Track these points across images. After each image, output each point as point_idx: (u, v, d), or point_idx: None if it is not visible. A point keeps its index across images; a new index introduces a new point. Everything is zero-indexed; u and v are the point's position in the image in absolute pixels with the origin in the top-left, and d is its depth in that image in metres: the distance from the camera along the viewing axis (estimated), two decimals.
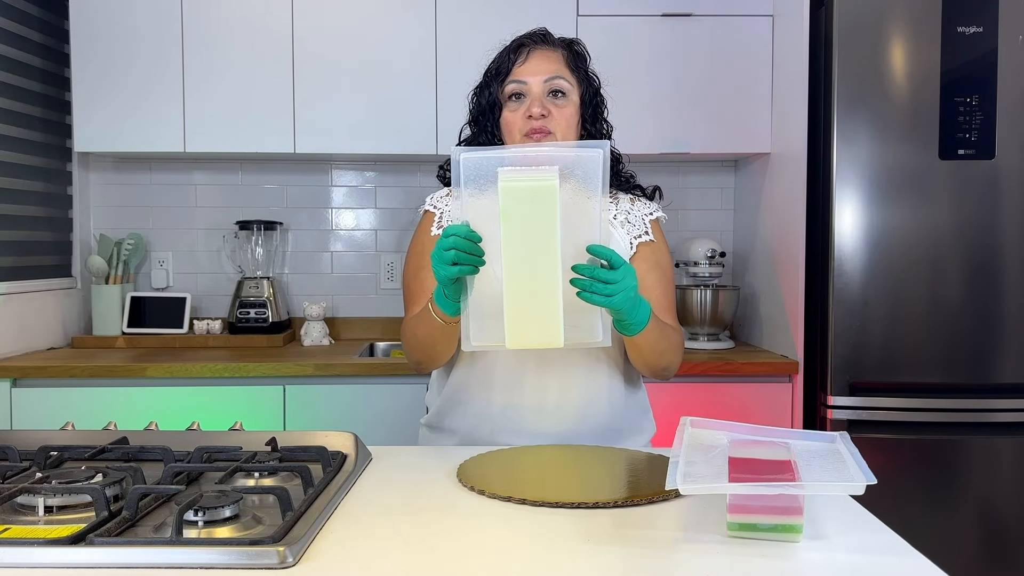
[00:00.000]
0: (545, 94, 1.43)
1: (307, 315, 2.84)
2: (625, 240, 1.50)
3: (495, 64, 1.49)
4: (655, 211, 1.55)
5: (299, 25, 2.67)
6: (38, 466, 1.20)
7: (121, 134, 2.67)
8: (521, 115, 1.43)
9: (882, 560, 0.93)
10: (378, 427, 2.38)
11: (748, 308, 2.88)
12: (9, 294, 2.51)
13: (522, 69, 1.44)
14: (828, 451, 1.09)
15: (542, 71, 1.44)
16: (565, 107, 1.44)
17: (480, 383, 1.48)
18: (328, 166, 3.05)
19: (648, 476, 1.20)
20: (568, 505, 1.07)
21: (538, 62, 1.45)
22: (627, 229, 1.51)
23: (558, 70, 1.44)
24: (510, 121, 1.45)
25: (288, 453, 1.26)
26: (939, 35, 2.26)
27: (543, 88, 1.43)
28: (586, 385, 1.46)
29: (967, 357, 2.29)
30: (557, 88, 1.43)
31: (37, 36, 2.73)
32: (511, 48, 1.48)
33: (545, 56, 1.45)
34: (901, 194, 2.28)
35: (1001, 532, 2.30)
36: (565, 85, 1.44)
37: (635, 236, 1.51)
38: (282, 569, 0.87)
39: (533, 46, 1.47)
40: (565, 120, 1.44)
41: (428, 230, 1.53)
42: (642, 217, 1.53)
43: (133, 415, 2.33)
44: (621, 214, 1.52)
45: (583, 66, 1.49)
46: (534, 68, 1.44)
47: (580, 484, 1.19)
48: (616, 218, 1.52)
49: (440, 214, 1.53)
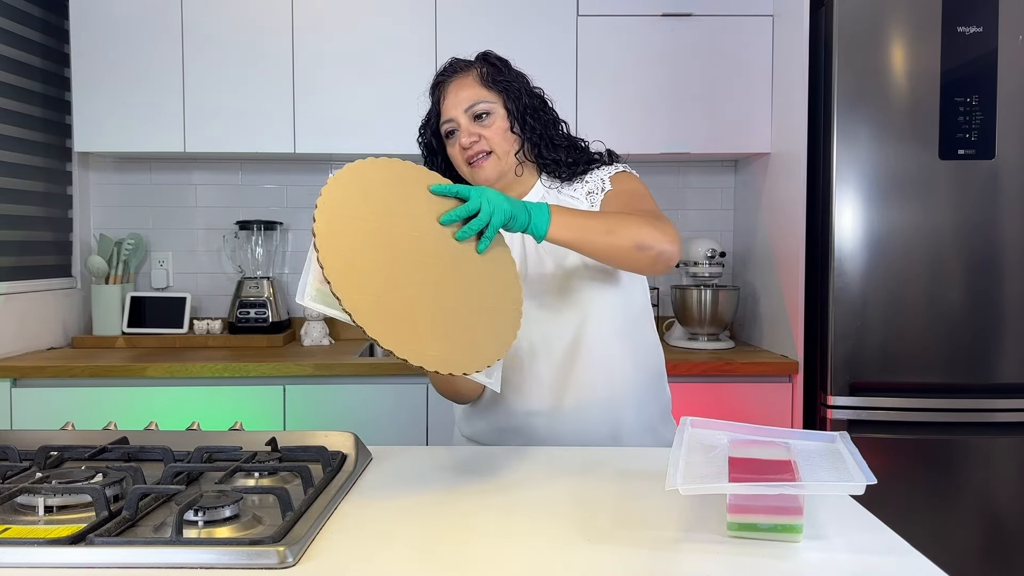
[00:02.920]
0: (471, 121, 1.48)
1: (307, 315, 2.84)
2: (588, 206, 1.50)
3: (431, 111, 1.56)
4: (613, 170, 1.54)
5: (299, 25, 2.67)
6: (38, 466, 1.20)
7: (121, 134, 2.67)
8: (458, 148, 1.50)
9: (882, 560, 0.93)
10: (378, 427, 2.38)
11: (748, 308, 2.88)
12: (9, 294, 2.51)
13: (445, 107, 1.51)
14: (828, 451, 1.09)
15: (460, 102, 1.49)
16: (492, 123, 1.49)
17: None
18: (328, 166, 3.05)
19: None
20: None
21: (455, 93, 1.50)
22: (590, 200, 1.51)
23: (474, 95, 1.49)
24: (453, 155, 1.52)
25: (288, 453, 1.26)
26: (939, 35, 2.26)
27: (467, 117, 1.48)
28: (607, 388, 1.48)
29: (967, 357, 2.29)
30: (478, 112, 1.48)
31: (37, 36, 2.73)
32: (431, 90, 1.56)
33: (459, 85, 1.50)
34: (901, 194, 2.28)
35: (1001, 532, 2.30)
36: (485, 106, 1.48)
37: (598, 192, 1.51)
38: (282, 569, 0.87)
39: (447, 80, 1.52)
40: (495, 136, 1.48)
41: None
42: (599, 179, 1.53)
43: (133, 415, 2.33)
44: (586, 188, 1.52)
45: (500, 76, 1.51)
46: (453, 101, 1.50)
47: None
48: (587, 197, 1.51)
49: None
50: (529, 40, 2.66)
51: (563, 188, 1.54)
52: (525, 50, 2.79)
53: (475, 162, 1.48)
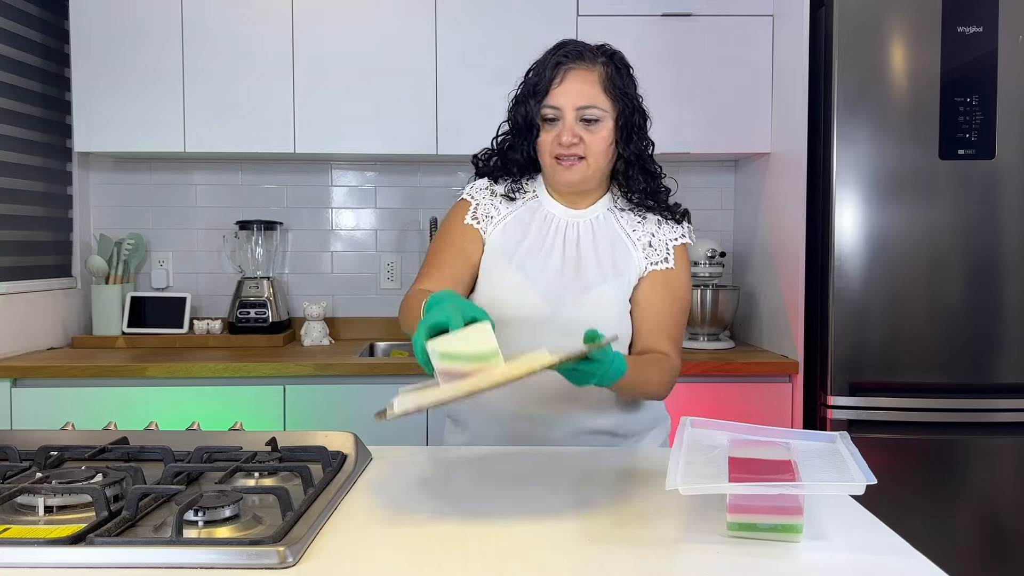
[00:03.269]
0: (577, 120, 1.43)
1: (307, 315, 2.84)
2: (642, 264, 1.50)
3: (534, 79, 1.47)
4: (680, 237, 1.53)
5: (299, 25, 2.67)
6: (38, 466, 1.20)
7: (121, 134, 2.67)
8: (552, 139, 1.45)
9: (882, 560, 0.93)
10: (378, 427, 2.37)
11: (748, 308, 2.88)
12: (9, 294, 2.51)
13: (557, 92, 1.43)
14: (828, 451, 1.09)
15: (575, 97, 1.43)
16: (598, 132, 1.44)
17: None
18: (328, 166, 3.05)
19: None
20: None
21: (573, 84, 1.43)
22: (647, 253, 1.51)
23: (592, 97, 1.43)
24: (543, 142, 1.47)
25: (288, 453, 1.26)
26: (939, 35, 2.26)
27: (575, 115, 1.43)
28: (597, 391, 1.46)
29: (967, 357, 2.29)
30: (589, 116, 1.43)
31: (37, 36, 2.73)
32: (549, 64, 1.46)
33: (581, 78, 1.44)
34: (901, 194, 2.28)
35: (1001, 532, 2.30)
36: (598, 112, 1.43)
37: (653, 262, 1.50)
38: (282, 569, 0.87)
39: (568, 66, 1.44)
40: (597, 145, 1.44)
41: (461, 218, 1.55)
42: (666, 242, 1.52)
43: (133, 415, 2.33)
44: (645, 236, 1.52)
45: (620, 85, 1.45)
46: (568, 91, 1.43)
47: None
48: (640, 240, 1.51)
49: (475, 206, 1.55)
50: (529, 40, 2.62)
51: (623, 214, 1.53)
52: (525, 50, 2.78)
53: (566, 162, 1.45)
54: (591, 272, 1.48)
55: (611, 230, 1.53)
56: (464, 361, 1.10)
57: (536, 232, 1.52)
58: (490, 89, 2.68)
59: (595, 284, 1.47)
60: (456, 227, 1.55)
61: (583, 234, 1.52)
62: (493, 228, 1.53)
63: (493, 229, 1.53)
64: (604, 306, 1.47)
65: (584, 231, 1.52)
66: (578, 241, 1.51)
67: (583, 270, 1.49)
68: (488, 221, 1.54)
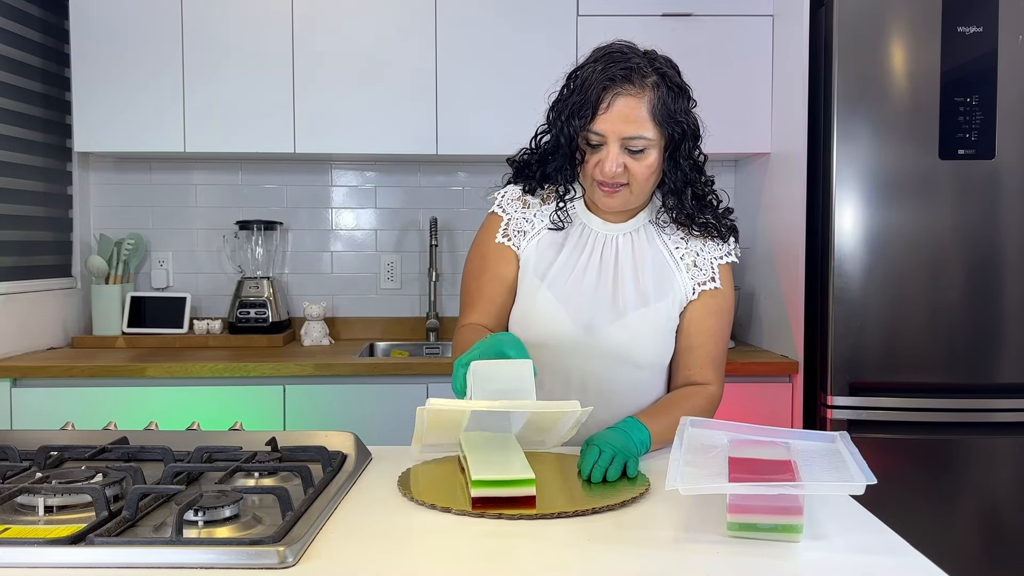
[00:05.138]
0: (622, 149, 1.38)
1: (307, 315, 2.84)
2: (688, 285, 1.48)
3: (579, 98, 1.38)
4: (727, 255, 1.51)
5: (299, 25, 2.67)
6: (38, 466, 1.20)
7: (121, 134, 2.67)
8: (595, 164, 1.40)
9: (882, 560, 0.93)
10: (378, 427, 2.38)
11: (748, 308, 2.88)
12: (9, 294, 2.51)
13: (603, 119, 1.36)
14: (828, 451, 1.09)
15: (622, 126, 1.36)
16: (643, 160, 1.39)
17: None
18: (328, 166, 3.05)
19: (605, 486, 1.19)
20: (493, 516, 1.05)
21: (619, 112, 1.36)
22: (692, 274, 1.48)
23: (639, 126, 1.36)
24: (586, 168, 1.42)
25: (288, 453, 1.26)
26: (939, 35, 2.26)
27: (620, 144, 1.37)
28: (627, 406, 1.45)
29: (967, 357, 2.28)
30: (635, 148, 1.37)
31: (37, 36, 2.73)
32: (596, 84, 1.37)
33: (627, 104, 1.36)
34: (901, 194, 2.28)
35: (1001, 532, 2.30)
36: (644, 143, 1.37)
37: (699, 282, 1.48)
38: (282, 569, 0.87)
39: (615, 90, 1.36)
40: (641, 173, 1.39)
41: (493, 234, 1.52)
42: (711, 261, 1.49)
43: (133, 415, 2.33)
44: (689, 255, 1.49)
45: (671, 109, 1.38)
46: (613, 120, 1.36)
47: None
48: (683, 259, 1.49)
49: (507, 221, 1.52)
50: (529, 40, 2.66)
51: (666, 228, 1.49)
52: (525, 50, 2.81)
53: (607, 188, 1.41)
54: (628, 295, 1.44)
55: (652, 247, 1.49)
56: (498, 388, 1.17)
57: (572, 248, 1.49)
58: (490, 89, 2.69)
59: (632, 308, 1.44)
60: (490, 247, 1.52)
61: (622, 250, 1.48)
62: (527, 244, 1.50)
63: (527, 245, 1.50)
64: (639, 330, 1.44)
65: (623, 247, 1.48)
66: (616, 259, 1.47)
67: (620, 292, 1.45)
68: (521, 237, 1.51)
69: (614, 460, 1.21)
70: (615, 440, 1.25)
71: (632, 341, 1.44)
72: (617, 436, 1.27)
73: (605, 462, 1.21)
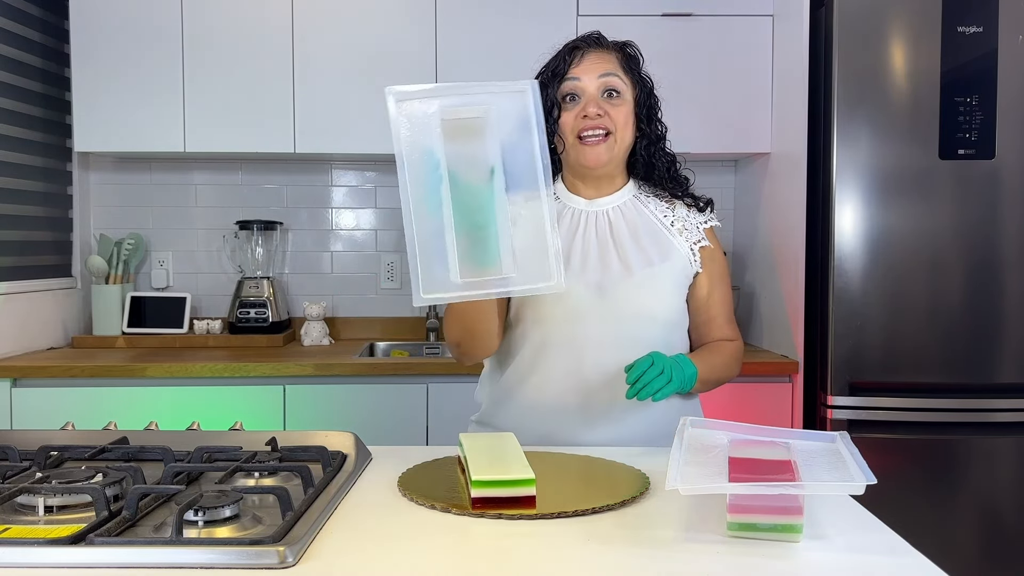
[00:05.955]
0: (600, 93, 1.45)
1: (307, 315, 2.84)
2: (685, 247, 1.52)
3: (552, 65, 1.50)
4: (709, 220, 1.56)
5: (299, 25, 2.67)
6: (38, 466, 1.20)
7: (121, 134, 2.67)
8: (575, 115, 1.45)
9: (882, 560, 0.93)
10: (378, 427, 2.38)
11: (748, 308, 2.88)
12: (9, 294, 2.51)
13: (577, 69, 1.46)
14: (828, 451, 1.09)
15: (596, 69, 1.45)
16: (620, 106, 1.46)
17: (533, 379, 1.48)
18: (328, 166, 3.05)
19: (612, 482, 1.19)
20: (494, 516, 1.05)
21: (592, 62, 1.46)
22: (685, 236, 1.52)
23: (612, 68, 1.46)
24: (565, 124, 1.46)
25: (288, 453, 1.26)
26: (939, 35, 2.26)
27: (598, 86, 1.45)
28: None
29: (967, 357, 2.28)
30: (612, 87, 1.45)
31: (37, 36, 2.73)
32: (565, 51, 1.50)
33: (599, 57, 1.47)
34: (901, 194, 2.28)
35: (1001, 532, 2.30)
36: (619, 84, 1.46)
37: (694, 242, 1.52)
38: (282, 569, 0.87)
39: (587, 48, 1.48)
40: (621, 119, 1.46)
41: None
42: (697, 225, 1.54)
43: (133, 415, 2.33)
44: (679, 221, 1.53)
45: (636, 68, 1.50)
46: (588, 67, 1.46)
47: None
48: (674, 225, 1.53)
49: None
50: (529, 40, 2.64)
51: (649, 200, 1.54)
52: (525, 50, 2.79)
53: (591, 139, 1.44)
54: (633, 257, 1.47)
55: (643, 217, 1.52)
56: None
57: (565, 228, 1.50)
58: None
59: (639, 267, 1.46)
60: None
61: (614, 221, 1.51)
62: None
63: None
64: (651, 286, 1.46)
65: (615, 219, 1.51)
66: (611, 229, 1.50)
67: (624, 255, 1.47)
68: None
69: (662, 374, 1.30)
70: (669, 362, 1.33)
71: (646, 297, 1.46)
72: (672, 360, 1.35)
73: (654, 373, 1.29)
